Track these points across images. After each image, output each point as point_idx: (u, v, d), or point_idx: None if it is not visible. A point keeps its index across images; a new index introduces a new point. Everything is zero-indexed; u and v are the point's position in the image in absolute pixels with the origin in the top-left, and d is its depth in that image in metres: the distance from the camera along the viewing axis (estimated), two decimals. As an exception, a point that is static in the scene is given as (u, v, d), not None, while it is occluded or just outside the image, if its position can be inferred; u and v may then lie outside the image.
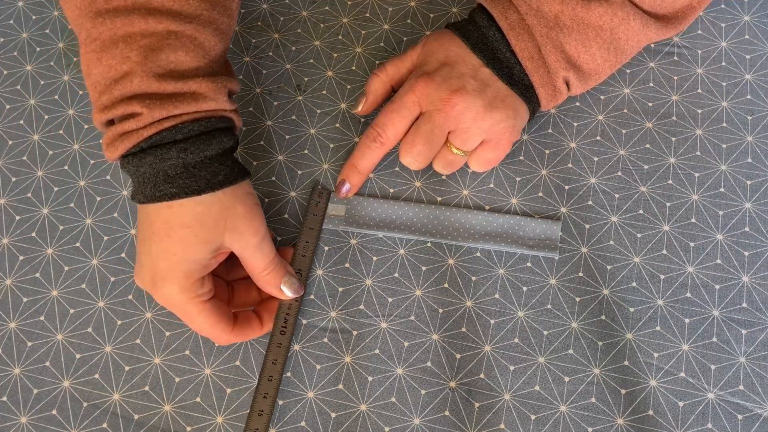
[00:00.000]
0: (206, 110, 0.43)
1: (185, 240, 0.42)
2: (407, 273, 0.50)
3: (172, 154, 0.42)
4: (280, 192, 0.53)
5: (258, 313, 0.48)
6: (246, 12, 0.60)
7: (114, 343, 0.49)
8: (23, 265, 0.52)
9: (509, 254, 0.50)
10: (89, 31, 0.43)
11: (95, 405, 0.47)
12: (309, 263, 0.50)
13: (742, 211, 0.50)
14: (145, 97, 0.42)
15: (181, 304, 0.43)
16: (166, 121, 0.42)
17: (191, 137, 0.42)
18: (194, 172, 0.42)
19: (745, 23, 0.57)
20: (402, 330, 0.48)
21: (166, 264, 0.43)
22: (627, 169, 0.52)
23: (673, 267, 0.49)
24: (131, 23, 0.42)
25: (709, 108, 0.54)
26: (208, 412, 0.47)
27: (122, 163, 0.43)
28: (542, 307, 0.49)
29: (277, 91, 0.57)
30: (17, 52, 0.59)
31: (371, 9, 0.60)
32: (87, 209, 0.53)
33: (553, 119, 0.54)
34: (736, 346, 0.47)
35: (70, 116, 0.56)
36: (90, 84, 0.43)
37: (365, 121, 0.55)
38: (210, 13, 0.45)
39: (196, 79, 0.43)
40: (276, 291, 0.47)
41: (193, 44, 0.43)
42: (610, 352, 0.47)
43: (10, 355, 0.49)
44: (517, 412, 0.46)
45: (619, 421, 0.45)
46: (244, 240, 0.44)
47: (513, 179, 0.52)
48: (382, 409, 0.46)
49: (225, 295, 0.47)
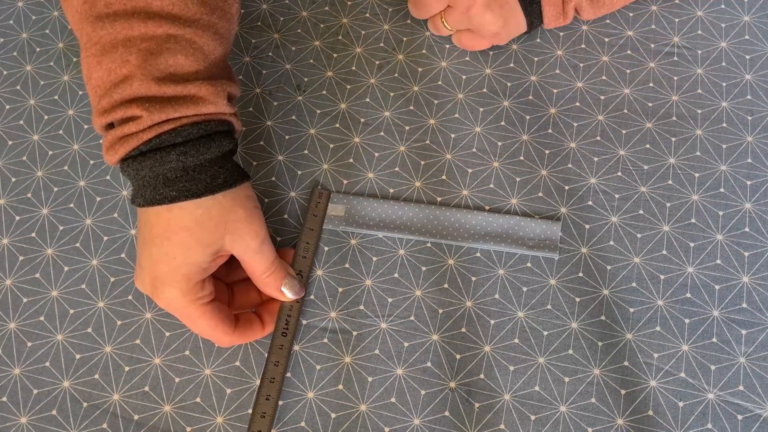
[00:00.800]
0: (206, 113, 0.43)
1: (185, 243, 0.42)
2: (407, 273, 0.50)
3: (171, 157, 0.42)
4: (280, 192, 0.53)
5: (259, 314, 0.48)
6: (246, 12, 0.60)
7: (114, 344, 0.49)
8: (23, 265, 0.52)
9: (509, 254, 0.50)
10: (89, 35, 0.43)
11: (95, 405, 0.47)
12: (310, 264, 0.50)
13: (742, 211, 0.50)
14: (144, 100, 0.42)
15: (182, 307, 0.43)
16: (166, 124, 0.42)
17: (191, 140, 0.42)
18: (194, 175, 0.42)
19: (745, 23, 0.57)
20: (402, 330, 0.48)
21: (167, 267, 0.43)
22: (627, 170, 0.52)
23: (673, 267, 0.49)
24: (131, 27, 0.42)
25: (709, 108, 0.54)
26: (208, 413, 0.47)
27: (122, 166, 0.43)
28: (542, 308, 0.49)
29: (277, 92, 0.57)
30: (17, 53, 0.59)
31: (371, 9, 0.59)
32: (87, 209, 0.53)
33: (553, 119, 0.54)
34: (736, 346, 0.47)
35: (69, 116, 0.56)
36: (90, 88, 0.44)
37: (365, 121, 0.55)
38: (209, 18, 0.45)
39: (196, 82, 0.43)
40: (277, 293, 0.47)
41: (193, 48, 0.43)
42: (610, 352, 0.47)
43: (9, 356, 0.49)
44: (517, 412, 0.46)
45: (619, 422, 0.45)
46: (244, 243, 0.44)
47: (513, 179, 0.52)
48: (382, 410, 0.46)
49: (225, 297, 0.47)
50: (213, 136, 0.43)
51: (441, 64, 0.57)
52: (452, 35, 0.56)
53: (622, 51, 0.56)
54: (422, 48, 0.58)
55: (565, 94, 0.55)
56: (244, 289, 0.48)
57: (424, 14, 0.55)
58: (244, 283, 0.48)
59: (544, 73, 0.56)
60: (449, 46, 0.58)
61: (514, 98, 0.55)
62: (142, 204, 0.43)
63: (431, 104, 0.55)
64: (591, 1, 0.54)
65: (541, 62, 0.56)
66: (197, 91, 0.43)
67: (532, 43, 0.57)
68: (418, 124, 0.55)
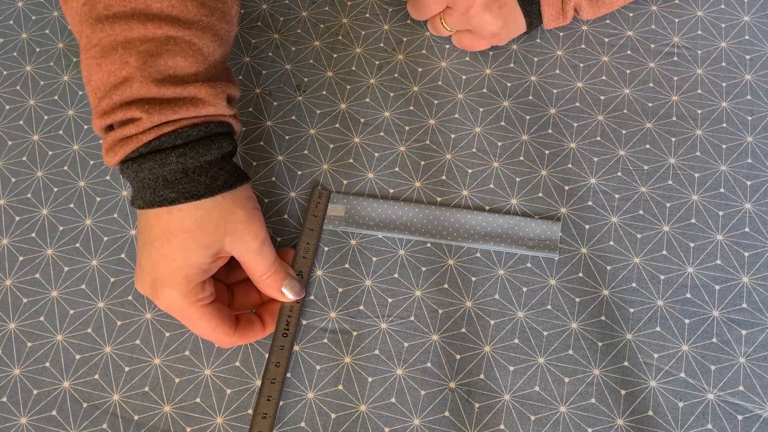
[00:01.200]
0: (205, 115, 0.43)
1: (185, 245, 0.42)
2: (407, 273, 0.50)
3: (171, 159, 0.42)
4: (280, 192, 0.53)
5: (260, 315, 0.48)
6: (246, 12, 0.60)
7: (114, 344, 0.49)
8: (23, 265, 0.52)
9: (509, 255, 0.50)
10: (89, 37, 0.43)
11: (95, 406, 0.47)
12: (310, 265, 0.50)
13: (742, 211, 0.50)
14: (144, 102, 0.42)
15: (182, 308, 0.43)
16: (165, 126, 0.42)
17: (190, 142, 0.42)
18: (194, 177, 0.42)
19: (745, 23, 0.57)
20: (402, 330, 0.48)
21: (167, 269, 0.43)
22: (627, 170, 0.52)
23: (673, 267, 0.49)
24: (130, 29, 0.42)
25: (709, 108, 0.54)
26: (208, 413, 0.47)
27: (122, 168, 0.43)
28: (542, 308, 0.49)
29: (277, 92, 0.57)
30: (17, 53, 0.59)
31: (371, 9, 0.59)
32: (87, 210, 0.53)
33: (553, 119, 0.54)
34: (736, 346, 0.47)
35: (69, 117, 0.56)
36: (90, 90, 0.44)
37: (365, 121, 0.55)
38: (209, 19, 0.45)
39: (195, 84, 0.43)
40: (277, 294, 0.47)
41: (192, 49, 0.43)
42: (610, 352, 0.47)
43: (9, 356, 0.49)
44: (516, 412, 0.46)
45: (618, 422, 0.45)
46: (244, 244, 0.44)
47: (513, 179, 0.52)
48: (382, 410, 0.46)
49: (226, 298, 0.47)
50: (213, 137, 0.43)
51: (441, 65, 0.57)
52: (452, 36, 0.56)
53: (622, 51, 0.56)
54: (422, 48, 0.58)
55: (565, 94, 0.55)
56: (244, 289, 0.48)
57: (424, 15, 0.55)
58: (245, 284, 0.48)
59: (544, 73, 0.56)
60: (449, 46, 0.58)
61: (514, 98, 0.55)
62: (141, 206, 0.43)
63: (431, 104, 0.55)
64: (590, 1, 0.54)
65: (541, 62, 0.56)
66: (197, 92, 0.43)
67: (532, 43, 0.57)
68: (418, 124, 0.55)
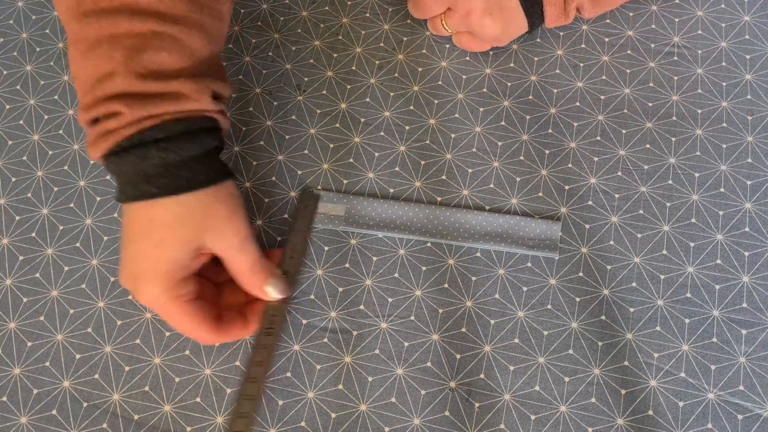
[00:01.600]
0: (188, 110, 0.43)
1: (165, 240, 0.42)
2: (407, 273, 0.50)
3: (152, 153, 0.41)
4: (280, 192, 0.53)
5: (244, 313, 0.47)
6: (246, 12, 0.60)
7: (114, 344, 0.49)
8: (23, 265, 0.52)
9: (509, 254, 0.50)
10: (76, 32, 0.43)
11: (95, 405, 0.47)
12: (297, 265, 0.49)
13: (742, 211, 0.50)
14: (126, 96, 0.42)
15: (162, 304, 0.43)
16: (147, 120, 0.42)
17: (172, 137, 0.42)
18: (175, 172, 0.42)
19: (745, 23, 0.57)
20: (402, 330, 0.48)
21: (147, 264, 0.43)
22: (627, 169, 0.52)
23: (673, 267, 0.49)
24: (116, 24, 0.42)
25: (709, 108, 0.54)
26: (208, 413, 0.47)
27: (105, 162, 0.43)
28: (542, 308, 0.49)
29: (277, 91, 0.57)
30: (17, 52, 0.59)
31: (371, 9, 0.59)
32: (87, 209, 0.53)
33: (553, 119, 0.54)
34: (736, 346, 0.47)
35: (69, 116, 0.56)
36: (77, 84, 0.44)
37: (365, 121, 0.55)
38: (198, 16, 0.44)
39: (179, 79, 0.43)
40: (260, 292, 0.46)
41: (178, 45, 0.43)
42: (610, 352, 0.47)
43: (9, 355, 0.49)
44: (517, 412, 0.46)
45: (619, 422, 0.45)
46: (225, 241, 0.44)
47: (513, 179, 0.52)
48: (382, 410, 0.46)
49: (211, 296, 0.47)
50: (196, 133, 0.43)
51: (441, 64, 0.57)
52: (452, 36, 0.57)
53: (622, 51, 0.56)
54: (422, 48, 0.58)
55: (565, 94, 0.55)
56: (232, 288, 0.48)
57: (424, 15, 0.55)
58: (234, 283, 0.48)
59: (544, 72, 0.56)
60: (449, 46, 0.58)
61: (514, 98, 0.55)
62: (124, 200, 0.43)
63: (431, 104, 0.55)
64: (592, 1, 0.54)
65: (541, 62, 0.56)
66: (180, 88, 0.42)
67: (532, 43, 0.57)
68: (418, 124, 0.55)
